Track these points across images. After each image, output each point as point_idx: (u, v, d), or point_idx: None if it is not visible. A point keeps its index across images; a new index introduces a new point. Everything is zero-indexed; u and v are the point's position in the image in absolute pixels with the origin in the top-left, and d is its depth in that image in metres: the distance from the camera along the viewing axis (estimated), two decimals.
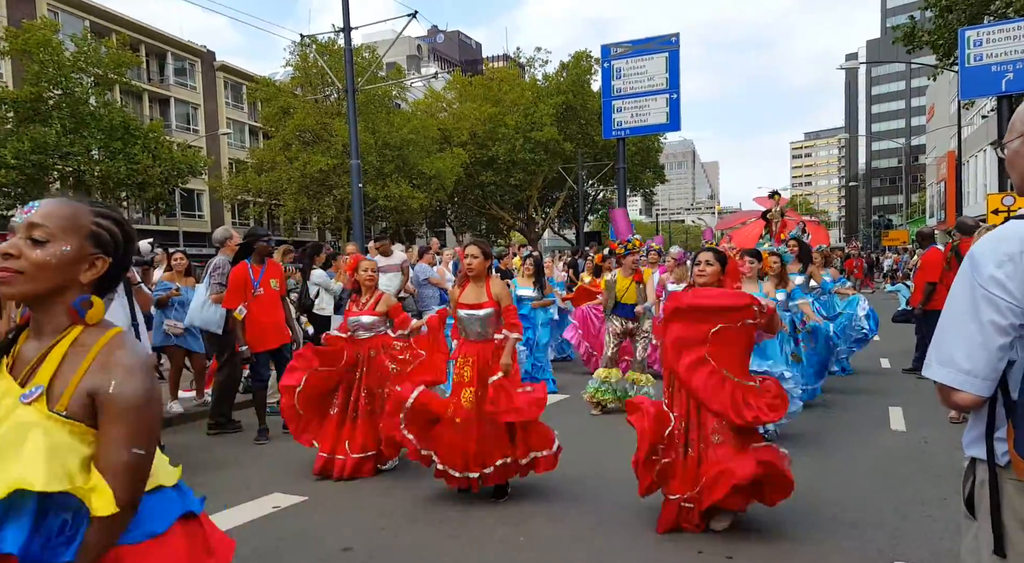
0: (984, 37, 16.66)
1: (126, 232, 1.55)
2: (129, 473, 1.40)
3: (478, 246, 4.71)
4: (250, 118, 44.41)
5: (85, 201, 1.53)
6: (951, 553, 3.58)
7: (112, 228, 1.51)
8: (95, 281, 1.50)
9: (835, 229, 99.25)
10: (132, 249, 1.58)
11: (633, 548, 3.83)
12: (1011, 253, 1.48)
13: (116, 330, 1.48)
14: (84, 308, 1.45)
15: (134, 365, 1.42)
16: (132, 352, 1.44)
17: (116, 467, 1.38)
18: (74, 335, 1.44)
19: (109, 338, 1.45)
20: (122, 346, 1.44)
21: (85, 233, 1.46)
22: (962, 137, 27.50)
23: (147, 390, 1.42)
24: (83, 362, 1.40)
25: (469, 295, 4.68)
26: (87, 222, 1.47)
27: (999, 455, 1.52)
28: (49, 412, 1.36)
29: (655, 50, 20.97)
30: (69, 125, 23.47)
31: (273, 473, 5.36)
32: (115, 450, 1.38)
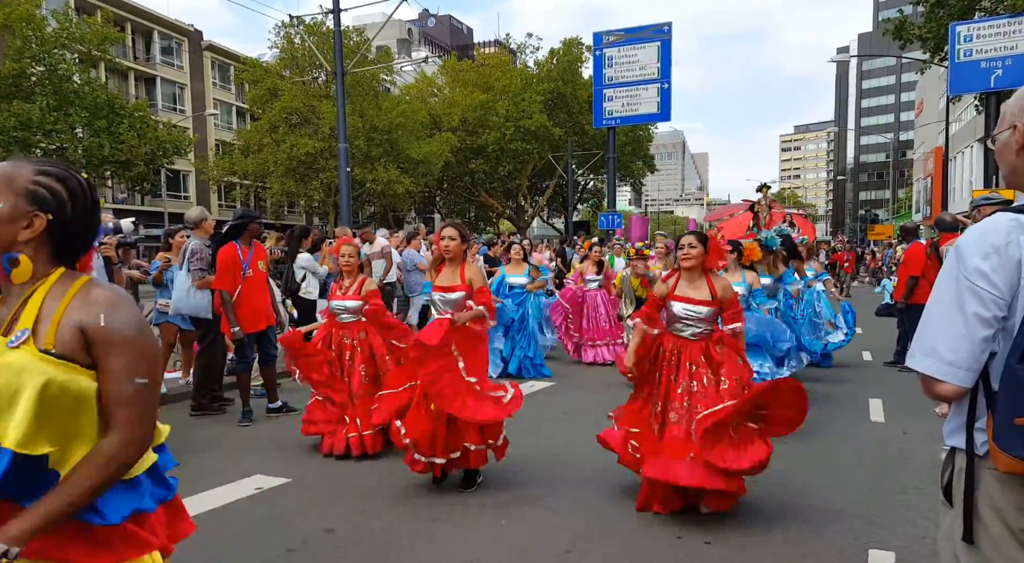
0: (974, 33, 16.76)
1: (71, 189, 1.48)
2: (136, 403, 1.41)
3: (455, 228, 4.66)
4: (237, 99, 43.94)
5: (33, 161, 1.50)
6: (926, 540, 3.65)
7: (52, 185, 1.46)
8: (43, 241, 1.46)
9: (822, 223, 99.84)
10: (81, 206, 1.50)
11: (614, 532, 3.87)
12: (996, 245, 1.49)
13: (86, 277, 1.49)
14: (11, 266, 1.43)
15: (116, 299, 1.44)
16: (109, 290, 1.47)
17: (124, 400, 1.40)
18: (48, 285, 1.44)
19: (83, 281, 1.46)
20: (97, 286, 1.46)
21: (21, 191, 1.43)
22: (950, 133, 27.70)
23: (137, 320, 1.45)
24: (61, 303, 1.41)
25: (444, 278, 4.65)
26: (24, 181, 1.44)
27: (978, 445, 1.55)
28: (40, 352, 1.36)
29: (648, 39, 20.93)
30: (52, 102, 23.12)
31: (256, 455, 5.35)
32: (118, 382, 1.40)
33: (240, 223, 6.26)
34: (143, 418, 1.43)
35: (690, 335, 4.18)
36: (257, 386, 7.00)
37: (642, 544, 3.72)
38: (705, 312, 4.14)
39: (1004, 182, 1.74)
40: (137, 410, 1.42)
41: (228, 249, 6.11)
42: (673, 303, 4.22)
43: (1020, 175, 1.64)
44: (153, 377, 1.46)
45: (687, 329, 4.19)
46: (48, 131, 23.20)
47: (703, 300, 4.14)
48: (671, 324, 4.26)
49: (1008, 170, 1.68)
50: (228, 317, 6.06)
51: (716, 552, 3.61)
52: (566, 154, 36.16)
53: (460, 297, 4.56)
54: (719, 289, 4.16)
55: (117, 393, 1.40)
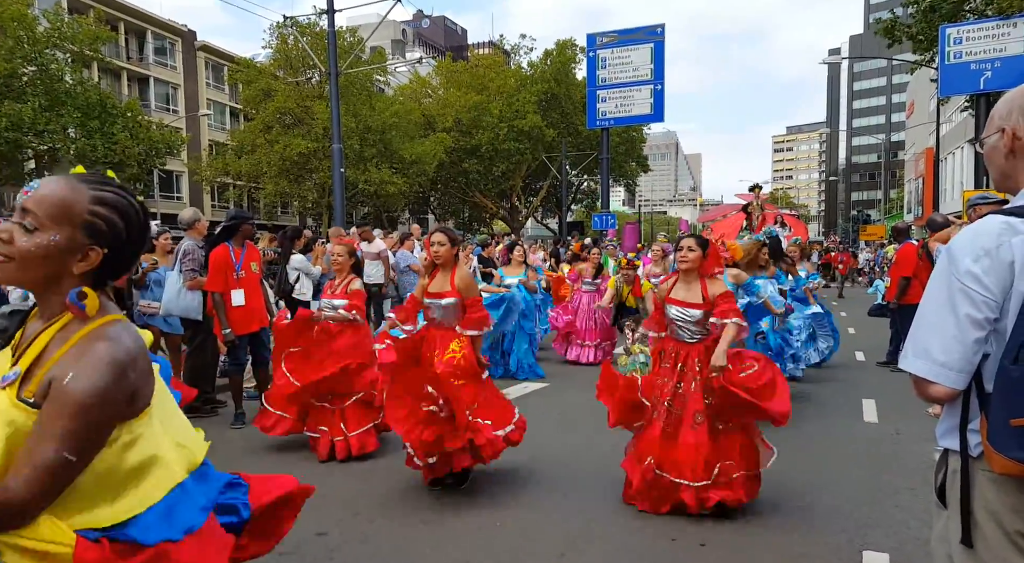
0: (964, 35, 16.85)
1: (129, 220, 1.39)
2: (47, 473, 1.24)
3: (444, 233, 4.63)
4: (231, 99, 43.78)
5: (89, 182, 1.38)
6: (919, 542, 3.66)
7: (111, 217, 1.36)
8: (91, 272, 1.38)
9: (814, 223, 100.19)
10: (137, 235, 1.42)
11: (609, 534, 3.87)
12: (988, 248, 1.50)
13: (106, 319, 1.37)
14: (81, 301, 1.33)
15: (102, 360, 1.28)
16: (109, 346, 1.31)
17: (39, 463, 1.24)
18: (61, 323, 1.35)
19: (94, 327, 1.34)
20: (103, 337, 1.32)
21: (79, 222, 1.33)
22: (940, 134, 27.85)
23: (102, 390, 1.27)
24: (60, 349, 1.32)
25: (436, 284, 4.61)
26: (82, 210, 1.34)
27: (972, 446, 1.55)
28: (16, 400, 1.28)
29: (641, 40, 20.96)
30: (44, 102, 22.98)
31: (248, 458, 5.32)
32: (45, 444, 1.24)
33: (232, 224, 6.22)
34: (43, 490, 1.25)
35: (687, 338, 4.23)
36: (250, 388, 6.97)
37: (637, 546, 3.72)
38: (697, 315, 4.17)
39: (994, 185, 1.75)
40: (44, 478, 1.24)
41: (220, 250, 6.07)
42: (668, 306, 4.27)
43: (1009, 178, 1.65)
44: (83, 457, 1.28)
45: (683, 332, 4.24)
46: (40, 132, 23.05)
47: (695, 303, 4.18)
48: (669, 327, 4.31)
49: (997, 173, 1.68)
50: (220, 319, 6.03)
51: (711, 554, 3.61)
52: (560, 155, 36.18)
53: (452, 303, 4.52)
54: (711, 292, 4.17)
55: (37, 454, 1.24)
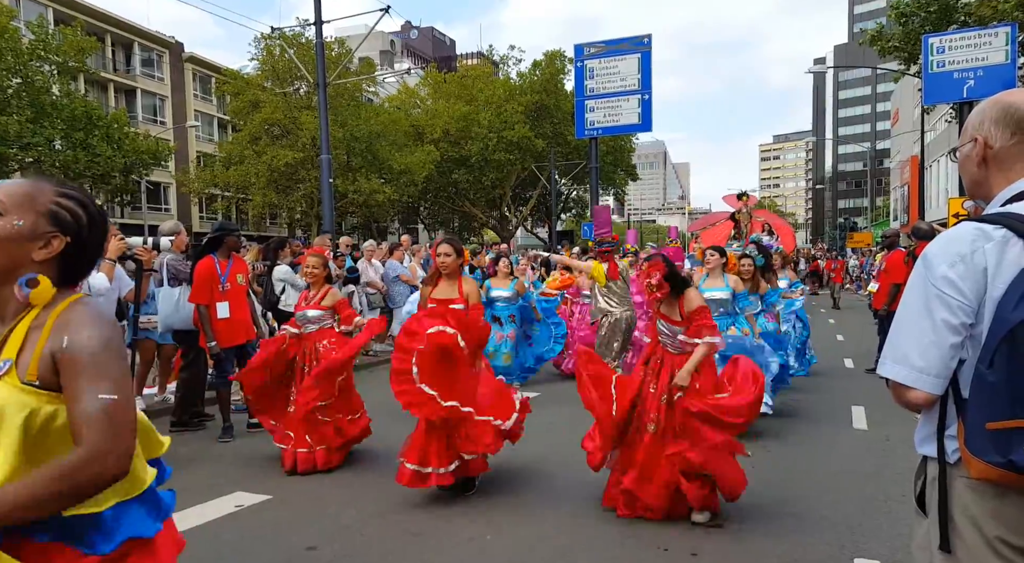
0: (947, 44, 17.05)
1: (91, 214, 1.48)
2: (103, 420, 1.30)
3: (450, 244, 4.83)
4: (218, 111, 43.69)
5: (54, 182, 1.48)
6: (909, 548, 3.65)
7: (74, 208, 1.46)
8: (54, 263, 1.44)
9: (801, 231, 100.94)
10: (97, 232, 1.51)
11: (600, 544, 3.84)
12: (962, 253, 1.51)
13: (73, 297, 1.43)
14: (30, 286, 1.38)
15: (86, 318, 1.37)
16: (83, 309, 1.40)
17: (88, 416, 1.29)
18: (35, 313, 1.40)
19: (66, 304, 1.41)
20: (74, 308, 1.40)
21: (42, 210, 1.42)
22: (925, 142, 28.14)
23: (101, 336, 1.36)
24: (44, 329, 1.37)
25: (441, 291, 4.79)
26: (46, 199, 1.43)
27: (949, 453, 1.55)
28: (21, 383, 1.32)
29: (628, 51, 21.11)
30: (30, 115, 22.83)
31: (237, 471, 5.27)
32: (81, 400, 1.30)
33: (217, 236, 6.19)
34: (112, 435, 1.30)
35: (672, 350, 4.38)
36: (237, 401, 6.91)
37: (628, 556, 3.70)
38: (678, 330, 4.37)
39: (967, 193, 1.77)
40: (103, 424, 1.29)
41: (206, 262, 6.04)
42: (658, 320, 4.47)
43: (981, 186, 1.68)
44: (121, 393, 1.34)
45: (668, 344, 4.40)
46: (25, 144, 22.89)
47: (673, 319, 4.38)
48: (659, 337, 4.48)
49: (970, 182, 1.71)
50: (205, 331, 5.98)
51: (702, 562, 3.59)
52: (549, 164, 36.31)
53: (459, 310, 4.63)
54: (686, 309, 4.31)
55: (80, 411, 1.30)
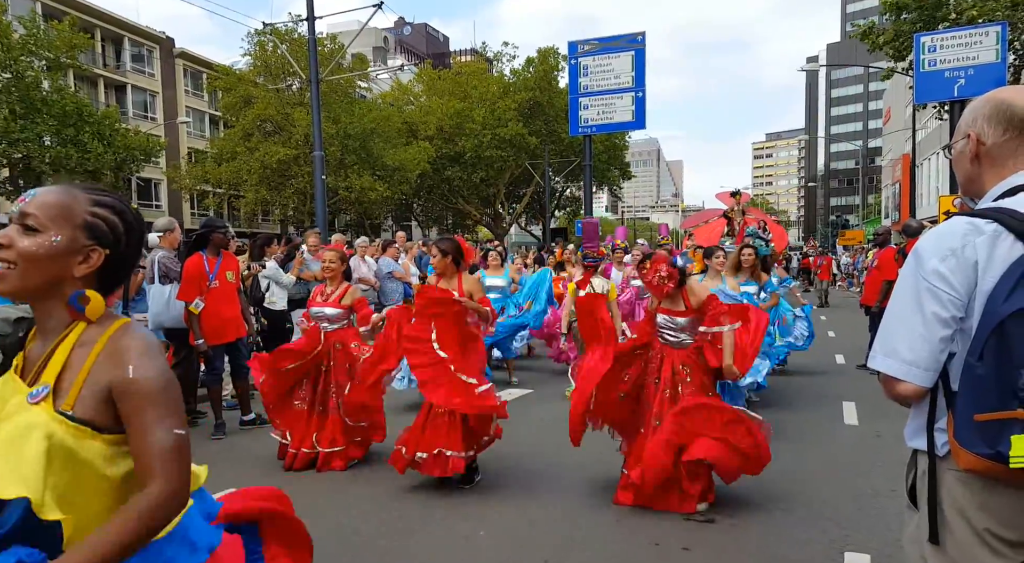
0: (938, 43, 17.12)
1: (128, 222, 1.43)
2: (176, 454, 1.31)
3: (436, 246, 4.91)
4: (210, 107, 43.46)
5: (86, 188, 1.42)
6: (899, 543, 3.67)
7: (111, 218, 1.40)
8: (93, 274, 1.40)
9: (794, 228, 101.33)
10: (135, 241, 1.45)
11: (592, 540, 3.85)
12: (953, 247, 1.53)
13: (121, 321, 1.40)
14: (81, 304, 1.35)
15: (146, 348, 1.35)
16: (140, 338, 1.37)
17: (163, 451, 1.29)
18: (79, 332, 1.36)
19: (114, 329, 1.37)
20: (128, 334, 1.36)
21: (79, 223, 1.36)
22: (916, 140, 28.28)
23: (166, 369, 1.36)
24: (89, 356, 1.32)
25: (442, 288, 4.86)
26: (82, 211, 1.37)
27: (939, 446, 1.57)
28: (55, 413, 1.27)
29: (622, 48, 21.12)
30: (20, 110, 22.65)
31: (230, 468, 5.25)
32: (156, 434, 1.29)
33: (204, 233, 6.15)
34: (183, 470, 1.32)
35: (673, 343, 4.45)
36: (228, 398, 6.89)
37: (620, 551, 3.71)
38: (682, 322, 4.44)
39: (960, 189, 1.78)
40: (177, 461, 1.30)
41: (195, 259, 6.01)
42: (658, 315, 4.53)
43: (975, 182, 1.70)
44: (186, 428, 1.36)
45: (670, 338, 4.46)
46: (14, 140, 22.71)
47: (679, 311, 4.45)
48: (658, 332, 4.54)
49: (963, 178, 1.73)
50: (193, 329, 5.95)
51: (694, 557, 3.61)
52: (543, 161, 36.30)
53: None
54: (694, 300, 4.41)
55: (153, 445, 1.29)
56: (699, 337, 4.38)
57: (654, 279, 4.39)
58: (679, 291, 4.43)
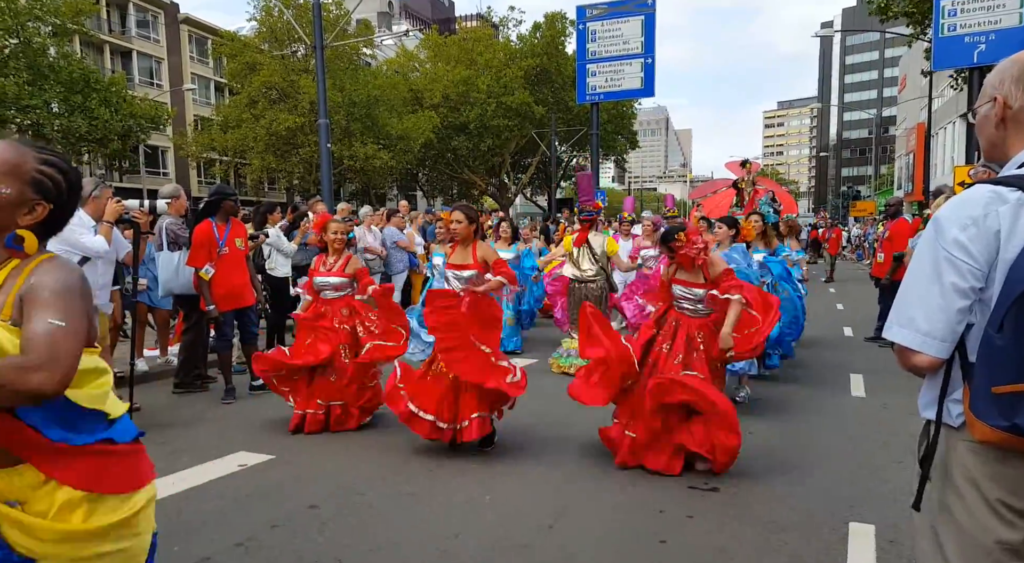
0: (959, 6, 16.69)
1: (71, 180, 1.58)
2: (46, 340, 1.39)
3: (462, 211, 4.89)
4: (215, 74, 43.12)
5: (33, 146, 1.56)
6: (905, 514, 3.69)
7: (55, 176, 1.55)
8: (36, 224, 1.54)
9: (804, 199, 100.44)
10: (76, 197, 1.61)
11: (597, 506, 3.89)
12: (974, 216, 1.49)
13: (48, 254, 1.55)
14: (17, 243, 1.51)
15: (52, 266, 1.50)
16: (56, 260, 1.52)
17: (36, 334, 1.40)
18: (12, 264, 1.53)
19: (41, 258, 1.53)
20: (50, 260, 1.53)
21: (27, 179, 1.51)
22: (932, 109, 27.82)
23: (66, 279, 1.48)
24: (18, 280, 1.49)
25: (457, 257, 4.90)
26: (30, 168, 1.51)
27: (953, 417, 1.56)
28: None
29: (631, 12, 20.73)
30: (27, 77, 22.54)
31: (239, 432, 5.32)
32: (33, 323, 1.41)
33: (214, 200, 6.16)
34: (49, 355, 1.39)
35: (690, 312, 4.55)
36: (237, 363, 6.94)
37: (624, 518, 3.75)
38: (700, 293, 4.51)
39: (983, 155, 1.74)
40: (45, 343, 1.39)
41: (204, 226, 6.02)
42: (674, 285, 4.59)
43: (998, 148, 1.65)
44: (71, 323, 1.43)
45: (687, 308, 4.55)
46: (23, 107, 22.64)
47: (697, 283, 4.51)
48: (674, 302, 4.62)
49: (987, 143, 1.69)
50: (203, 295, 5.99)
51: (698, 525, 3.64)
52: (549, 131, 35.93)
53: (473, 275, 4.79)
54: (712, 271, 4.47)
55: (30, 330, 1.41)
56: (717, 307, 4.45)
57: (691, 251, 4.40)
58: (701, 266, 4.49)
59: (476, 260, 4.79)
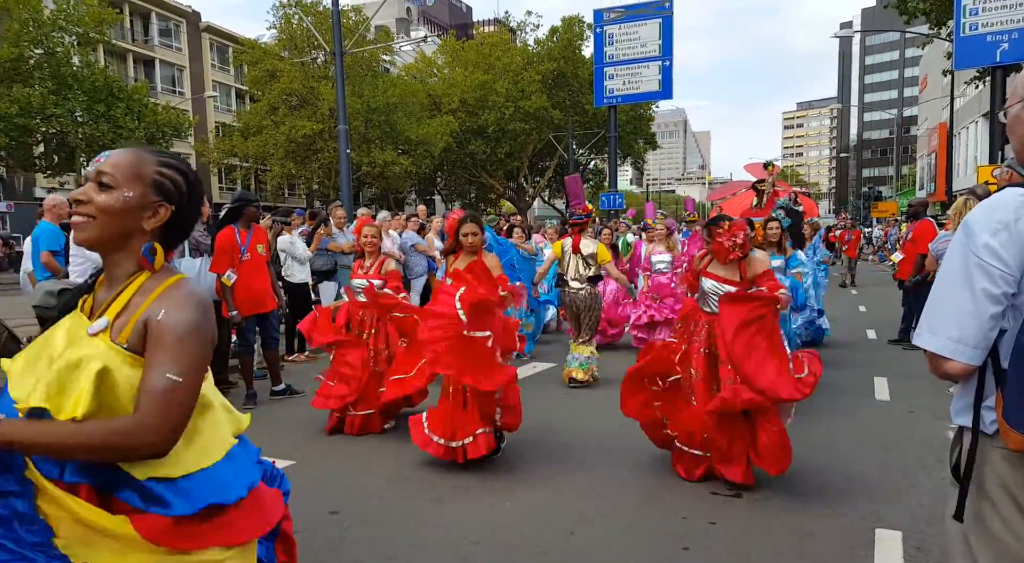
0: (980, 5, 16.47)
1: (190, 182, 1.58)
2: (162, 397, 1.38)
3: (474, 222, 4.86)
4: (236, 81, 43.64)
5: (152, 151, 1.58)
6: (932, 520, 3.64)
7: (175, 177, 1.56)
8: (159, 229, 1.55)
9: (825, 200, 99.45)
10: (197, 199, 1.61)
11: (619, 512, 3.86)
12: (1006, 221, 1.47)
13: (179, 276, 1.55)
14: (152, 254, 1.52)
15: (186, 299, 1.48)
16: (189, 291, 1.51)
17: (152, 389, 1.38)
18: (141, 280, 1.51)
19: (172, 281, 1.52)
20: (181, 286, 1.52)
21: (148, 181, 1.52)
22: (954, 108, 27.42)
23: (195, 321, 1.45)
24: (147, 300, 1.47)
25: (461, 264, 4.80)
26: (150, 171, 1.53)
27: (987, 424, 1.53)
28: (111, 342, 1.42)
29: (649, 15, 20.71)
30: (52, 86, 22.96)
31: (261, 437, 5.30)
32: (152, 373, 1.40)
33: (237, 206, 6.26)
34: (164, 413, 1.38)
35: None
36: (258, 368, 7.00)
37: (647, 524, 3.72)
38: (732, 291, 4.24)
39: (1016, 156, 1.71)
40: (159, 402, 1.37)
41: (226, 232, 6.10)
42: (704, 279, 4.38)
43: None
44: (188, 379, 1.42)
45: (713, 304, 4.30)
46: (48, 116, 23.06)
47: (731, 280, 4.28)
48: (700, 299, 4.40)
49: (1019, 144, 1.65)
50: (226, 300, 6.05)
51: (720, 532, 3.60)
52: (567, 134, 35.92)
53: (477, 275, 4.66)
54: (751, 271, 4.27)
55: (148, 382, 1.39)
56: None
57: (727, 241, 4.20)
58: (738, 262, 4.31)
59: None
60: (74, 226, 1.50)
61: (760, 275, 4.25)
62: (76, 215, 1.49)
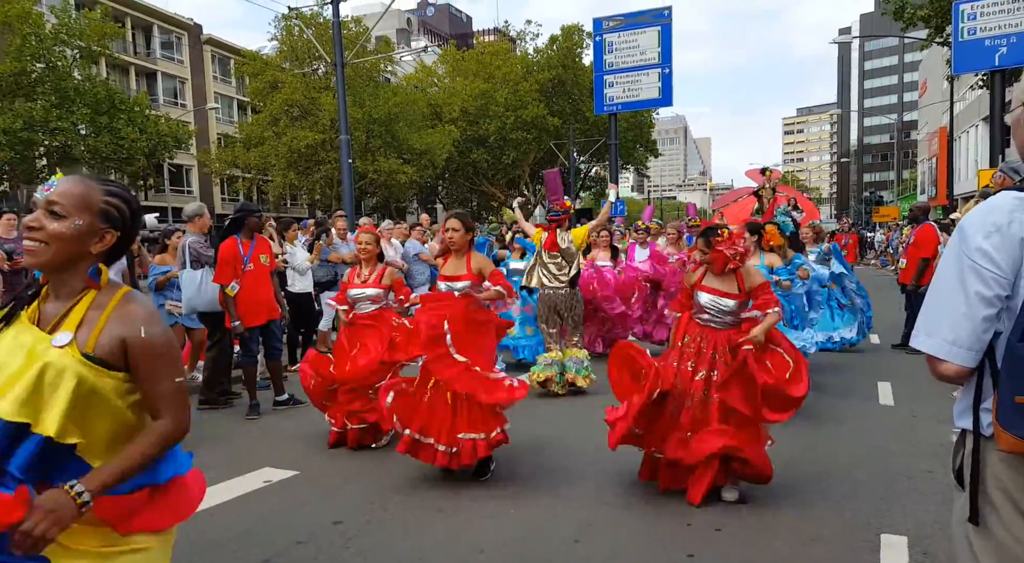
0: (978, 10, 16.53)
1: (133, 209, 1.73)
2: (180, 396, 1.70)
3: (459, 219, 4.65)
4: (238, 92, 43.84)
5: (96, 179, 1.71)
6: (937, 524, 3.63)
7: (120, 206, 1.69)
8: (104, 252, 1.69)
9: (826, 205, 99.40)
10: (138, 223, 1.78)
11: (623, 519, 3.86)
12: (999, 224, 1.49)
13: (124, 289, 1.71)
14: (97, 276, 1.67)
15: (151, 314, 1.69)
16: (144, 304, 1.70)
17: (171, 394, 1.68)
18: (92, 296, 1.65)
19: (121, 295, 1.68)
20: (133, 300, 1.69)
21: (95, 210, 1.64)
22: (954, 113, 27.45)
23: (167, 331, 1.72)
24: (103, 314, 1.62)
25: (449, 268, 4.68)
26: (98, 200, 1.65)
27: (984, 426, 1.54)
28: (80, 355, 1.56)
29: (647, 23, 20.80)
30: (54, 100, 23.07)
31: (264, 448, 5.35)
32: (162, 382, 1.66)
33: (239, 217, 6.26)
34: (184, 408, 1.71)
35: (716, 325, 4.14)
36: (261, 379, 7.00)
37: (651, 531, 3.71)
38: (731, 305, 4.09)
39: (1021, 160, 1.74)
40: (179, 401, 1.70)
41: (229, 243, 6.10)
42: (700, 293, 4.16)
43: None
44: (183, 375, 1.75)
45: (713, 320, 4.14)
46: (51, 129, 23.16)
47: (729, 293, 4.09)
48: (697, 313, 4.21)
49: (1021, 147, 1.67)
50: (229, 311, 6.05)
51: (726, 538, 3.59)
52: (568, 142, 36.01)
53: (466, 286, 4.55)
54: (747, 281, 4.10)
55: (164, 390, 1.67)
56: (747, 322, 4.07)
57: (727, 250, 4.02)
58: (734, 272, 4.12)
59: (471, 271, 4.55)
60: (27, 251, 1.62)
61: (757, 287, 4.09)
62: (28, 241, 1.60)
